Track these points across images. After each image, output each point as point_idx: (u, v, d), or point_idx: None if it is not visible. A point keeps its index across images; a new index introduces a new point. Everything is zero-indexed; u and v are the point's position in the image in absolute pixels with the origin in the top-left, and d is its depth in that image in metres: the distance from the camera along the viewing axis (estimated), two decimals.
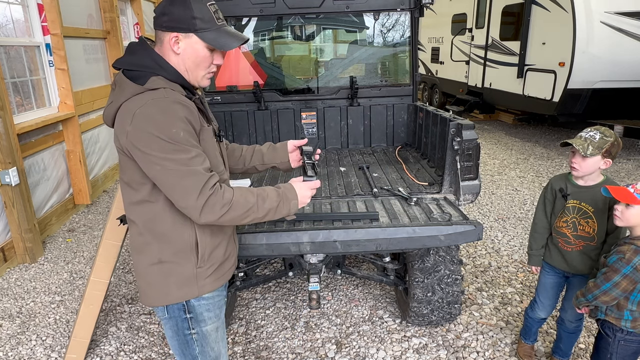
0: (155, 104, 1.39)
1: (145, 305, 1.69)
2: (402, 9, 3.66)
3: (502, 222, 4.79)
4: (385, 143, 4.02)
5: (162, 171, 1.39)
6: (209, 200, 1.41)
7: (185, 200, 1.40)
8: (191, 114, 1.45)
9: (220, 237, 1.64)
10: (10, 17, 4.54)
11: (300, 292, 3.50)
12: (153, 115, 1.37)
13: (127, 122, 1.39)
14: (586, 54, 6.56)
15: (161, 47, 1.50)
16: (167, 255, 1.55)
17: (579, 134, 2.17)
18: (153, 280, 1.58)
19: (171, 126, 1.38)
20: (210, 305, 1.65)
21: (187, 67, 1.52)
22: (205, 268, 1.59)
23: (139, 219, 1.55)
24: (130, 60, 1.50)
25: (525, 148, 8.00)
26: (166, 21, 1.46)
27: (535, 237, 2.46)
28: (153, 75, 1.46)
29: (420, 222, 2.33)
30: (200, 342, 1.67)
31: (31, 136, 4.48)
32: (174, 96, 1.44)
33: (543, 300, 2.52)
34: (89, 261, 4.14)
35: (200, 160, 1.43)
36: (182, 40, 1.47)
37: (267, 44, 4.49)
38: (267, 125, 3.92)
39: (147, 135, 1.37)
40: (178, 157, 1.38)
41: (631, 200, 1.86)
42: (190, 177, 1.39)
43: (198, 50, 1.50)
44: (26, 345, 3.00)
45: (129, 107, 1.40)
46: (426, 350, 2.82)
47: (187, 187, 1.39)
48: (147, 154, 1.38)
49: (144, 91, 1.42)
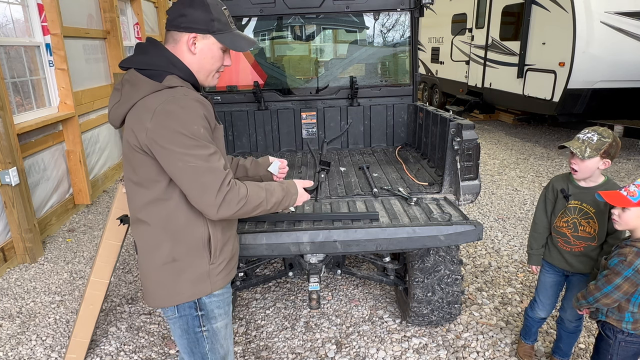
0: (176, 101, 1.42)
1: (153, 306, 1.70)
2: (402, 9, 3.66)
3: (502, 222, 4.79)
4: (385, 143, 4.02)
5: (183, 167, 1.42)
6: (227, 197, 1.45)
7: (204, 197, 1.44)
8: (208, 112, 1.50)
9: (229, 233, 1.68)
10: (10, 17, 4.53)
11: (300, 292, 3.50)
12: (175, 111, 1.41)
13: (146, 118, 1.41)
14: (586, 54, 6.56)
15: (175, 46, 1.54)
16: (181, 253, 1.57)
17: (577, 136, 2.17)
18: (163, 280, 1.59)
19: (192, 122, 1.42)
20: (220, 302, 1.68)
21: (200, 67, 1.57)
22: (217, 264, 1.63)
23: (152, 219, 1.56)
24: (143, 59, 1.52)
25: (525, 148, 8.00)
26: (185, 22, 1.51)
27: (535, 237, 2.45)
28: (168, 74, 1.49)
29: (420, 222, 2.33)
30: (211, 340, 1.69)
31: (31, 136, 4.48)
32: (193, 94, 1.48)
33: (543, 300, 2.52)
34: (89, 261, 4.14)
35: (217, 157, 1.47)
36: (199, 40, 1.53)
37: (267, 44, 4.49)
38: (267, 125, 3.92)
39: (169, 132, 1.39)
40: (199, 152, 1.42)
41: (625, 203, 1.85)
42: (210, 173, 1.43)
43: (214, 51, 1.56)
44: (26, 345, 3.00)
45: (147, 104, 1.43)
46: (426, 350, 2.83)
47: (207, 184, 1.43)
48: (169, 150, 1.41)
49: (162, 88, 1.46)
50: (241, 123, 3.89)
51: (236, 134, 3.90)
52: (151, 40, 1.57)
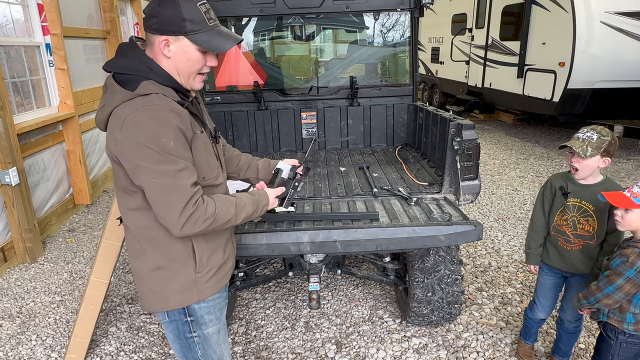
0: (146, 111, 1.34)
1: (146, 310, 1.69)
2: (402, 9, 3.66)
3: (502, 222, 4.79)
4: (385, 143, 4.02)
5: (147, 182, 1.35)
6: (192, 216, 1.38)
7: (168, 215, 1.37)
8: (183, 122, 1.40)
9: (217, 242, 1.62)
10: (10, 17, 4.53)
11: (300, 292, 3.50)
12: (143, 122, 1.32)
13: (117, 129, 1.35)
14: (586, 54, 6.56)
15: (152, 49, 1.44)
16: (165, 261, 1.52)
17: (576, 135, 2.17)
18: (152, 286, 1.56)
19: (161, 135, 1.33)
20: (210, 308, 1.64)
21: (179, 71, 1.46)
22: (204, 273, 1.57)
23: (133, 225, 1.52)
24: (121, 63, 1.44)
25: (525, 148, 8.00)
26: (155, 23, 1.40)
27: (533, 236, 2.45)
28: (145, 80, 1.40)
29: (420, 222, 2.33)
30: (202, 345, 1.66)
31: (31, 136, 4.48)
32: (166, 103, 1.39)
33: (542, 302, 2.52)
34: (89, 261, 4.14)
35: (187, 174, 1.38)
36: (172, 43, 1.42)
37: (267, 44, 4.49)
38: (267, 125, 3.92)
39: (135, 144, 1.32)
40: (166, 168, 1.34)
41: (628, 204, 1.85)
42: (174, 191, 1.35)
43: (189, 53, 1.44)
44: (26, 345, 3.00)
45: (119, 113, 1.36)
46: (426, 350, 2.82)
47: (171, 202, 1.35)
48: (134, 163, 1.34)
49: (134, 97, 1.37)
50: (241, 123, 3.89)
51: (236, 134, 3.90)
52: (132, 41, 1.48)
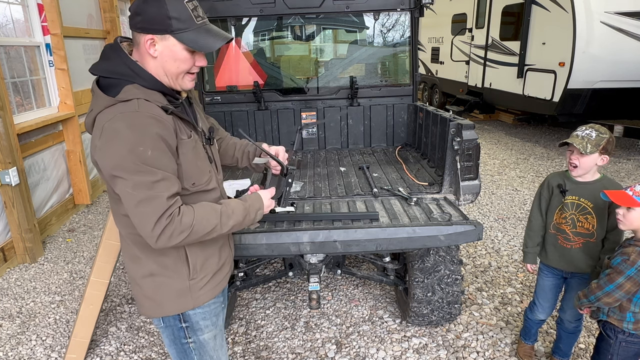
0: (124, 118, 1.28)
1: (142, 315, 1.67)
2: (402, 9, 3.66)
3: (502, 222, 4.79)
4: (385, 143, 4.02)
5: (123, 191, 1.31)
6: (166, 230, 1.32)
7: (142, 227, 1.33)
8: (165, 129, 1.33)
9: (211, 248, 1.58)
10: (10, 17, 4.53)
11: (300, 292, 3.50)
12: (121, 130, 1.27)
13: (97, 136, 1.31)
14: (586, 54, 6.56)
15: (138, 50, 1.39)
16: (157, 268, 1.50)
17: (575, 133, 2.19)
18: (148, 291, 1.54)
19: (138, 144, 1.27)
20: (206, 314, 1.61)
21: (166, 71, 1.40)
22: (199, 279, 1.54)
23: (125, 231, 1.50)
24: (105, 66, 1.39)
25: (525, 148, 8.00)
26: (140, 22, 1.34)
27: (531, 235, 2.46)
28: (128, 84, 1.35)
29: (420, 222, 2.33)
30: (199, 351, 1.64)
31: (31, 136, 4.48)
32: (148, 109, 1.32)
33: (542, 303, 2.52)
34: (89, 261, 4.14)
35: (165, 185, 1.32)
36: (158, 42, 1.35)
37: (267, 44, 4.49)
38: (267, 125, 3.92)
39: (112, 153, 1.28)
40: (142, 179, 1.29)
41: (631, 203, 1.85)
42: (149, 203, 1.30)
43: (176, 53, 1.37)
44: (26, 345, 3.00)
45: (99, 120, 1.32)
46: (426, 350, 2.82)
47: (144, 214, 1.31)
48: (110, 172, 1.31)
49: (115, 103, 1.32)
50: (241, 123, 3.89)
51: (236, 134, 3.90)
52: (115, 43, 1.42)
